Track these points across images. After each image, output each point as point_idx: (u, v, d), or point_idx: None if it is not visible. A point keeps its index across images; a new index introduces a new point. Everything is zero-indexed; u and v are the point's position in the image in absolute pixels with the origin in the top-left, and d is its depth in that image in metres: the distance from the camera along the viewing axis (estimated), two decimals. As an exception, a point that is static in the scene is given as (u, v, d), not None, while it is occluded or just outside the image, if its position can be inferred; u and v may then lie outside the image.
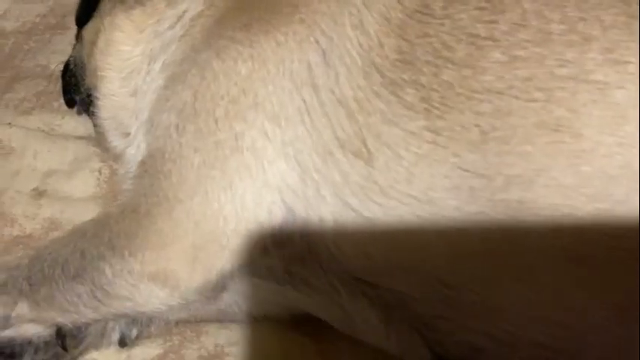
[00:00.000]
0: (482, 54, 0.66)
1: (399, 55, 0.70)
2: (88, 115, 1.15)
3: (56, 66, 1.38)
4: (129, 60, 0.98)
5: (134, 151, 0.97)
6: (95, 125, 1.13)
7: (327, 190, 0.72)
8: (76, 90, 1.13)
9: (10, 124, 1.21)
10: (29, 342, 0.80)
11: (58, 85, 1.31)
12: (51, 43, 1.51)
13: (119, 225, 0.77)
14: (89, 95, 1.10)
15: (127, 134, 1.03)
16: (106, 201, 1.07)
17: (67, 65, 1.19)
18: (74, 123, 1.23)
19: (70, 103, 1.18)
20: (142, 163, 0.82)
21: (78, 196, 1.08)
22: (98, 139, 1.14)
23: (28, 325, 0.80)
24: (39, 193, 1.07)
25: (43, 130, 1.20)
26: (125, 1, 1.00)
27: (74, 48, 1.17)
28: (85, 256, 0.77)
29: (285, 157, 0.74)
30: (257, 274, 0.79)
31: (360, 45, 0.72)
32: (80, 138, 1.19)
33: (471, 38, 0.67)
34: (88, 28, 1.06)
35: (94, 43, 1.02)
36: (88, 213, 1.04)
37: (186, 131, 0.77)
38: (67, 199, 1.07)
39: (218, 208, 0.74)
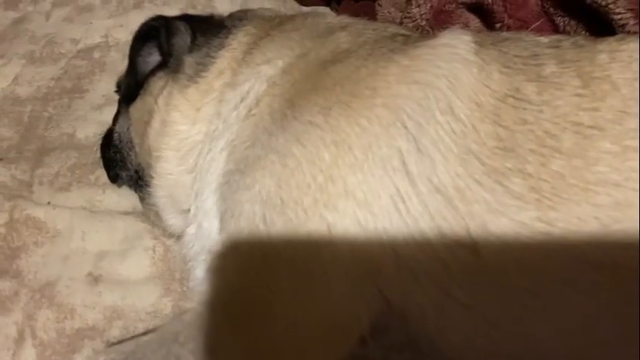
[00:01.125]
0: (591, 144, 0.66)
1: (498, 142, 0.70)
2: (135, 190, 1.13)
3: (85, 136, 1.37)
4: (187, 139, 0.96)
5: (194, 230, 0.95)
6: (144, 201, 1.11)
7: (427, 279, 0.71)
8: (122, 166, 1.11)
9: (49, 203, 1.17)
10: None
11: (92, 157, 1.29)
12: (71, 109, 1.48)
13: (214, 330, 0.74)
14: (138, 172, 1.08)
15: (184, 211, 1.01)
16: (165, 281, 1.05)
17: (107, 138, 1.17)
18: (116, 197, 1.20)
19: (114, 178, 1.15)
20: (222, 254, 0.80)
21: (135, 278, 1.05)
22: (149, 215, 1.12)
23: None
24: (95, 279, 1.04)
25: (85, 208, 1.17)
26: (178, 79, 0.98)
27: (116, 121, 1.15)
28: (181, 364, 0.74)
29: (379, 246, 0.73)
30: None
31: (453, 131, 0.72)
32: (126, 213, 1.16)
33: (575, 127, 0.67)
34: (137, 106, 1.04)
35: (147, 123, 1.00)
36: (149, 297, 1.02)
37: (274, 223, 0.75)
38: (124, 282, 1.04)
39: (315, 302, 0.72)
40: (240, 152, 0.85)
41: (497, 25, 1.29)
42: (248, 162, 0.82)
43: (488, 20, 1.32)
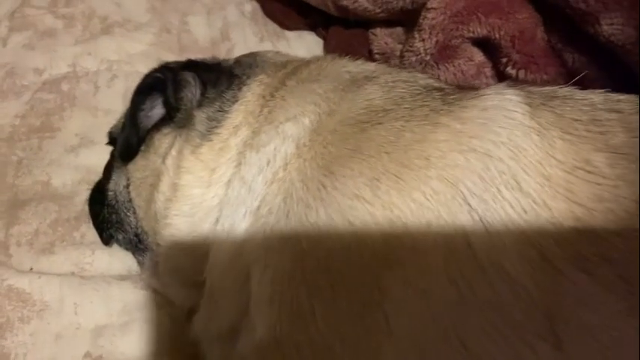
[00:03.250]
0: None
1: (576, 223, 0.64)
2: (133, 254, 1.02)
3: (62, 183, 1.24)
4: (201, 204, 0.86)
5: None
6: (144, 266, 1.00)
7: None
8: (118, 228, 1.00)
9: (32, 269, 1.05)
10: None
11: (73, 210, 1.17)
12: (42, 151, 1.34)
13: None
14: (138, 235, 0.97)
15: (194, 283, 0.91)
16: (174, 358, 0.94)
17: (98, 193, 1.06)
18: (108, 257, 1.08)
19: (107, 240, 1.03)
20: (259, 348, 0.71)
21: (139, 356, 0.94)
22: (149, 281, 1.01)
23: None
24: (95, 361, 0.93)
25: (74, 273, 1.05)
26: (189, 137, 0.88)
27: (108, 176, 1.04)
28: None
29: (446, 339, 0.65)
30: None
31: (524, 210, 0.66)
32: (122, 278, 1.04)
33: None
34: (139, 165, 0.93)
35: (154, 186, 0.89)
36: (158, 378, 0.91)
37: (323, 315, 0.67)
38: (127, 362, 0.93)
39: None
40: (270, 225, 0.76)
41: (504, 60, 1.25)
42: (283, 239, 0.73)
43: (494, 55, 1.27)
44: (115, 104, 1.48)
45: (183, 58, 1.05)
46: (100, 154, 1.27)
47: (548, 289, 0.63)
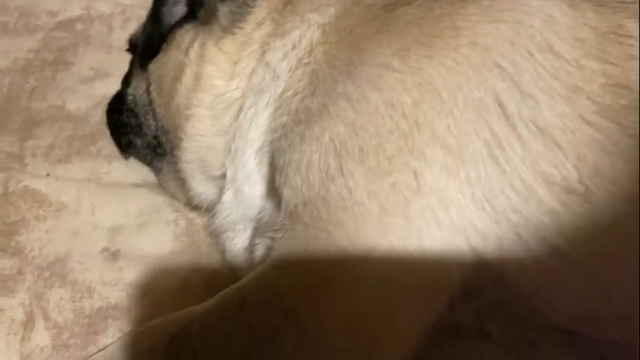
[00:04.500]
0: None
1: (608, 79, 0.65)
2: (150, 160, 1.01)
3: (76, 107, 1.24)
4: (223, 96, 0.86)
5: (231, 197, 0.86)
6: (161, 172, 1.00)
7: (529, 232, 0.64)
8: (137, 132, 1.00)
9: (48, 175, 1.04)
10: None
11: (89, 129, 1.16)
12: (56, 82, 1.34)
13: (290, 292, 0.65)
14: (157, 137, 0.97)
15: (214, 179, 0.91)
16: (192, 256, 0.94)
17: (116, 103, 1.06)
18: (124, 169, 1.08)
19: (126, 146, 1.03)
20: (291, 213, 0.71)
21: (157, 254, 0.93)
22: (167, 187, 1.01)
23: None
24: (112, 255, 0.92)
25: (90, 180, 1.04)
26: (212, 30, 0.88)
27: (127, 84, 1.03)
28: (254, 330, 0.64)
29: (472, 197, 0.65)
30: (443, 332, 0.69)
31: (555, 69, 0.66)
32: (138, 186, 1.04)
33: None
34: (161, 62, 0.93)
35: (176, 78, 0.89)
36: (177, 273, 0.91)
37: (353, 174, 0.67)
38: (146, 258, 0.92)
39: (403, 259, 0.64)
40: (295, 104, 0.76)
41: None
42: (311, 112, 0.73)
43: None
44: (129, 43, 1.48)
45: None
46: (115, 85, 1.26)
47: (580, 140, 0.63)
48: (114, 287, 0.87)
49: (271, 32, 0.85)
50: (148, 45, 0.94)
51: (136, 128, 1.00)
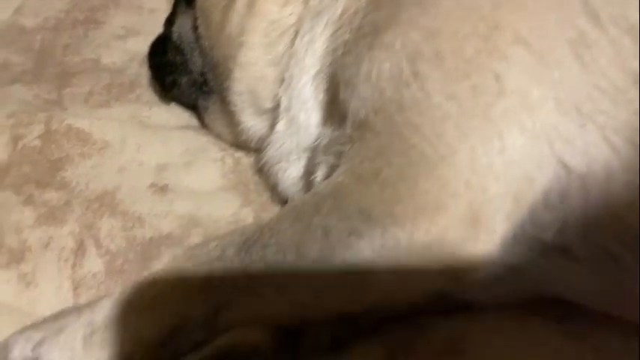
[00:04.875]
0: None
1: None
2: (192, 99, 1.00)
3: (112, 61, 1.22)
4: (277, 22, 0.85)
5: (284, 126, 0.84)
6: (207, 111, 0.98)
7: (617, 135, 0.62)
8: (182, 70, 0.98)
9: (89, 116, 1.02)
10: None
11: (127, 78, 1.15)
12: (89, 38, 1.32)
13: (365, 193, 0.63)
14: (204, 74, 0.95)
15: (265, 111, 0.89)
16: (241, 192, 0.92)
17: (160, 44, 1.04)
18: (165, 114, 1.06)
19: (171, 86, 1.01)
20: (360, 123, 0.68)
21: (206, 190, 0.91)
22: (213, 127, 0.99)
23: (239, 329, 0.64)
24: (161, 189, 0.90)
25: (132, 121, 1.02)
26: (266, -45, 0.87)
27: (171, 24, 1.02)
28: (329, 234, 0.62)
29: (556, 101, 0.63)
30: (522, 247, 0.66)
31: None
32: (182, 128, 1.02)
33: None
34: (209, -8, 0.91)
35: (228, 6, 0.88)
36: (228, 206, 0.89)
37: (429, 78, 0.65)
38: (195, 193, 0.90)
39: (487, 164, 0.62)
40: (358, 21, 0.75)
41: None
42: (378, 24, 0.71)
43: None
44: (160, 3, 1.47)
45: None
46: (148, 43, 1.25)
47: None
48: (165, 218, 0.85)
49: None
50: (195, -21, 0.93)
51: (181, 66, 0.98)
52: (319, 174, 0.76)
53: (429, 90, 0.64)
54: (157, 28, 1.36)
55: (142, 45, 1.28)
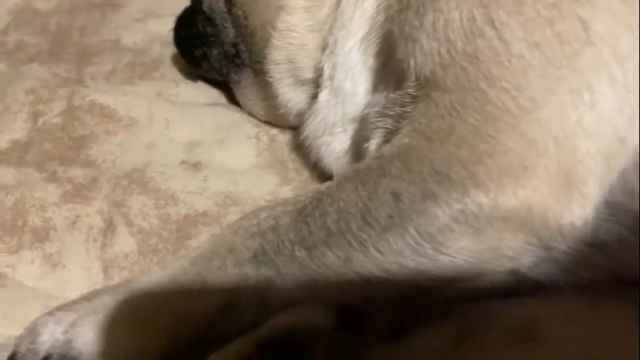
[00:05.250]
0: None
1: None
2: (223, 72, 0.93)
3: (132, 42, 1.16)
4: (320, -17, 0.78)
5: (327, 96, 0.78)
6: (238, 85, 0.92)
7: None
8: (213, 42, 0.92)
9: (114, 92, 0.96)
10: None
11: (150, 57, 1.09)
12: (107, 21, 1.26)
13: (439, 153, 0.56)
14: (236, 45, 0.89)
15: (304, 82, 0.83)
16: (278, 169, 0.85)
17: (187, 16, 0.98)
18: (192, 91, 0.99)
19: (201, 59, 0.95)
20: (426, 81, 0.62)
21: (241, 167, 0.85)
22: (246, 102, 0.93)
23: (299, 308, 0.57)
24: (193, 165, 0.83)
25: (160, 98, 0.96)
26: None
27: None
28: (400, 199, 0.55)
29: None
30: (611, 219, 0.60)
31: None
32: (212, 105, 0.96)
33: None
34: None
35: (265, -31, 0.82)
36: (265, 184, 0.83)
37: (508, 25, 0.58)
38: (230, 171, 0.84)
39: (576, 119, 0.56)
40: None
41: None
42: None
43: None
44: (178, -12, 1.41)
45: None
46: (169, 25, 1.19)
47: None
48: (200, 195, 0.79)
49: None
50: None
51: (212, 38, 0.92)
52: (373, 142, 0.69)
53: (508, 39, 0.58)
54: (177, 11, 1.31)
55: (162, 27, 1.22)
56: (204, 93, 0.99)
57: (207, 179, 0.81)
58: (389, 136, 0.67)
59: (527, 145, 0.55)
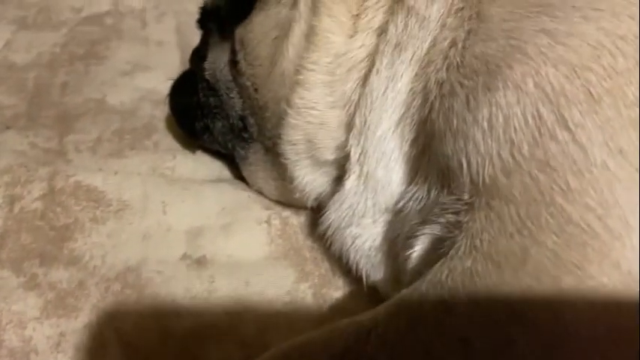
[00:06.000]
0: None
1: None
2: (228, 147, 0.83)
3: (119, 102, 1.06)
4: (344, 56, 0.69)
5: (355, 182, 0.68)
6: (246, 161, 0.82)
7: None
8: (216, 114, 0.81)
9: (101, 170, 0.85)
10: None
11: (141, 121, 0.98)
12: (90, 75, 1.16)
13: (516, 287, 0.46)
14: (243, 118, 0.79)
15: (324, 163, 0.73)
16: (294, 262, 0.74)
17: (186, 82, 0.88)
18: (191, 163, 0.88)
19: (202, 132, 0.84)
20: (485, 187, 0.52)
21: (252, 261, 0.74)
22: (254, 180, 0.82)
23: None
24: (197, 262, 0.72)
25: (154, 174, 0.85)
26: (328, -22, 0.71)
27: (199, 59, 0.85)
28: (471, 346, 0.45)
29: None
30: None
31: None
32: (214, 181, 0.85)
33: None
34: (256, 23, 0.75)
35: (280, 39, 0.72)
36: (281, 282, 0.72)
37: (584, 127, 0.49)
38: (239, 265, 0.72)
39: None
40: (458, 55, 0.58)
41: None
42: (493, 58, 0.55)
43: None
44: (167, 36, 1.31)
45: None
46: (159, 79, 1.09)
47: None
48: (206, 301, 0.67)
49: None
50: (235, 5, 0.77)
51: (215, 109, 0.81)
52: (418, 248, 0.59)
53: (585, 143, 0.49)
54: (168, 63, 1.21)
55: (152, 82, 1.12)
56: (205, 166, 0.88)
57: (213, 279, 0.69)
58: (437, 244, 0.57)
59: (623, 279, 0.45)
